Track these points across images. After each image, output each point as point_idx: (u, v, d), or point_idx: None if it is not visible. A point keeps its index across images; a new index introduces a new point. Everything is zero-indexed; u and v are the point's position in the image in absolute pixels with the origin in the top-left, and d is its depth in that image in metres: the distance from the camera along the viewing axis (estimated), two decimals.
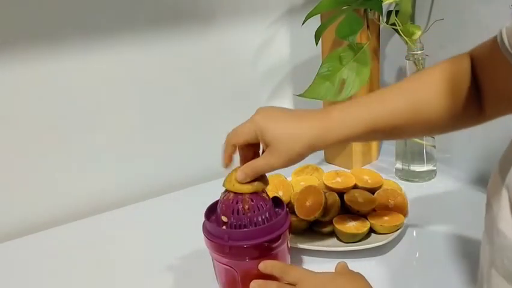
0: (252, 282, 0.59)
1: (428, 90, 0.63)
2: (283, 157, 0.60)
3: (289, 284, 0.58)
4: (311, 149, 0.61)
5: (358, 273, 0.59)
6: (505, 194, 0.47)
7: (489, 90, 0.63)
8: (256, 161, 0.63)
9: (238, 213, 0.63)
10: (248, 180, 0.63)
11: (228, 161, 0.64)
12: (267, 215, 0.64)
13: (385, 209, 0.82)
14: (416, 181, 0.99)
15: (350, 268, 0.61)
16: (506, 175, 0.47)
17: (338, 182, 0.86)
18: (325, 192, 0.82)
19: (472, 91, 0.63)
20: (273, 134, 0.60)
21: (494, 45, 0.57)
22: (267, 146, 0.61)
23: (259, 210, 0.63)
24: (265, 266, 0.60)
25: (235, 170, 0.64)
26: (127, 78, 0.97)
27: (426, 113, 0.63)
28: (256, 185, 0.64)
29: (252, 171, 0.63)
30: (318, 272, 0.59)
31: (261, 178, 0.64)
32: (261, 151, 0.66)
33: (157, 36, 0.97)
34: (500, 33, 0.55)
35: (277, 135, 0.60)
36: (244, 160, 0.65)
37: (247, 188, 0.63)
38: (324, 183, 0.86)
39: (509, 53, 0.54)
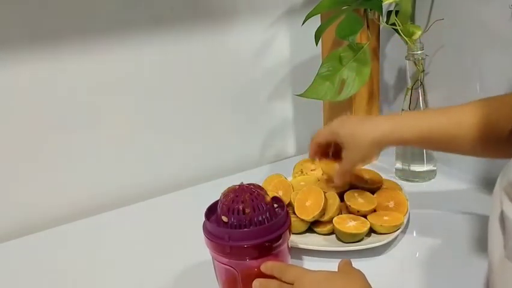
0: (254, 281, 0.60)
1: (501, 114, 0.65)
2: (357, 151, 0.71)
3: (288, 283, 0.58)
4: (378, 146, 0.70)
5: (358, 272, 0.59)
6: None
7: None
8: (342, 163, 0.74)
9: (238, 213, 0.63)
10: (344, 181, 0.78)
11: (314, 155, 0.79)
12: (267, 215, 0.64)
13: (385, 209, 0.82)
14: (416, 181, 0.99)
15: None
16: None
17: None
18: (325, 192, 0.82)
19: None
20: (345, 133, 0.71)
21: None
22: (342, 146, 0.72)
23: (259, 210, 0.63)
24: (265, 266, 0.61)
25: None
26: (127, 79, 0.97)
27: (492, 137, 0.65)
28: None
29: (342, 172, 0.76)
30: (315, 271, 0.59)
31: None
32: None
33: (157, 36, 0.97)
34: None
35: (348, 134, 0.71)
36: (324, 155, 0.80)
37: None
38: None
39: None
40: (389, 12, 0.96)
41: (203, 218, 0.66)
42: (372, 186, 0.86)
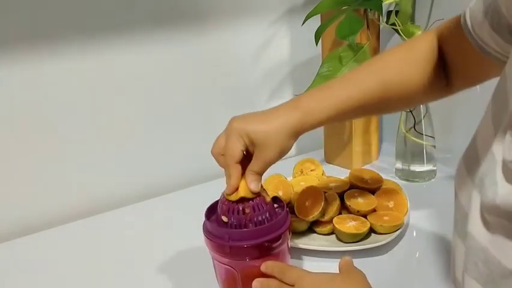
0: (254, 281, 0.60)
1: (397, 68, 0.65)
2: (275, 149, 0.61)
3: (288, 284, 0.58)
4: (296, 136, 0.63)
5: (359, 273, 0.59)
6: (476, 196, 0.45)
7: (455, 65, 0.64)
8: (254, 165, 0.63)
9: (238, 213, 0.63)
10: (261, 185, 0.63)
11: (238, 184, 0.63)
12: (267, 215, 0.64)
13: (385, 209, 0.82)
14: (416, 181, 0.99)
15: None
16: (473, 175, 0.46)
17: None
18: (325, 192, 0.82)
19: (439, 67, 0.64)
20: (258, 132, 0.61)
21: (458, 24, 0.58)
22: (254, 146, 0.62)
23: (259, 210, 0.63)
24: (266, 266, 0.61)
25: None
26: (126, 79, 0.97)
27: (396, 90, 0.64)
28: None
29: (257, 175, 0.63)
30: (316, 273, 0.59)
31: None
32: None
33: (157, 36, 0.97)
34: (464, 14, 0.56)
35: (263, 133, 0.61)
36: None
37: (251, 193, 0.63)
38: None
39: (471, 35, 0.55)
40: (389, 12, 0.96)
41: (203, 218, 0.66)
42: (372, 186, 0.86)
